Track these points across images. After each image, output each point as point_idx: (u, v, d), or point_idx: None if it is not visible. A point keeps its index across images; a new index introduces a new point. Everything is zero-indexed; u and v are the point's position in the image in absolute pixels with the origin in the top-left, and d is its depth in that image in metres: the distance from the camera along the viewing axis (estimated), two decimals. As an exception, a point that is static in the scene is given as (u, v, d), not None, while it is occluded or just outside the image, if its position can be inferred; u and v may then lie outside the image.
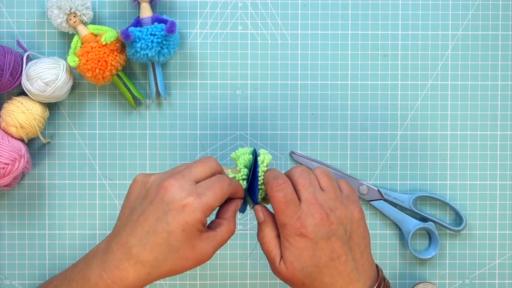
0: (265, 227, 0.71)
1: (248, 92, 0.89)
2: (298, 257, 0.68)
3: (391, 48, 0.89)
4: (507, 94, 0.89)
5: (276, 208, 0.69)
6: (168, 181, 0.66)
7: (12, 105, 0.84)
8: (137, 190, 0.69)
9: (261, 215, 0.71)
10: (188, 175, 0.67)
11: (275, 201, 0.69)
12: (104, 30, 0.84)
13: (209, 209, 0.66)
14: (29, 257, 0.89)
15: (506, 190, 0.90)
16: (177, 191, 0.65)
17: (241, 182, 0.72)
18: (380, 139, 0.89)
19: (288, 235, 0.68)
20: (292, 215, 0.68)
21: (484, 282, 0.90)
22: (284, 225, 0.68)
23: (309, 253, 0.68)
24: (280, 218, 0.69)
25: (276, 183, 0.69)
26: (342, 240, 0.69)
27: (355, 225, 0.70)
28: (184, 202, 0.65)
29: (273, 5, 0.88)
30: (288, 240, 0.68)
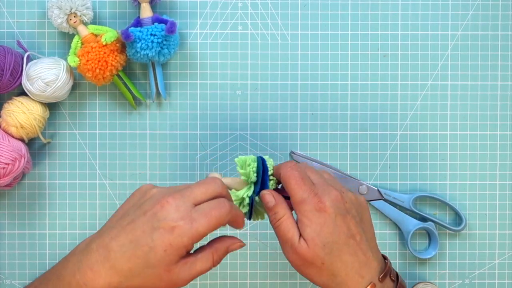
0: (279, 209, 0.70)
1: (248, 92, 0.89)
2: (319, 233, 0.67)
3: (391, 48, 0.89)
4: (507, 94, 0.90)
5: (293, 184, 0.69)
6: (166, 198, 0.65)
7: (13, 105, 0.84)
8: (137, 198, 0.69)
9: (271, 198, 0.70)
10: (188, 196, 0.66)
11: (292, 178, 0.69)
12: (104, 30, 0.84)
13: (199, 237, 0.65)
14: (29, 257, 0.89)
15: (505, 190, 0.90)
16: (171, 210, 0.65)
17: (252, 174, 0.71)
18: (380, 139, 0.89)
19: (307, 211, 0.68)
20: (310, 191, 0.68)
21: (484, 282, 0.90)
22: (303, 200, 0.68)
23: (329, 229, 0.67)
24: (298, 195, 0.68)
25: (290, 164, 0.70)
26: (355, 220, 0.69)
27: (363, 210, 0.72)
28: (174, 224, 0.64)
29: (273, 5, 0.88)
30: (307, 216, 0.68)
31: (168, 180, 0.88)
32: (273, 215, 0.70)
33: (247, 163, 0.72)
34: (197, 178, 0.89)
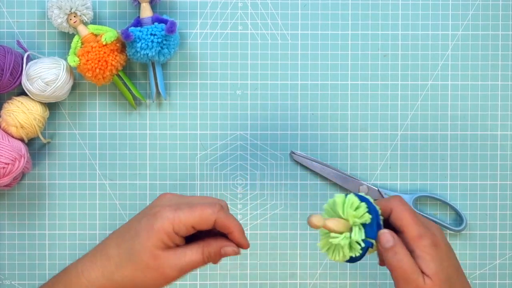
0: (399, 249, 0.66)
1: (248, 92, 0.89)
2: (442, 268, 0.66)
3: (391, 48, 0.89)
4: (507, 94, 0.89)
5: (410, 219, 0.66)
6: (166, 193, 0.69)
7: (12, 105, 0.84)
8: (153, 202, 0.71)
9: (390, 238, 0.66)
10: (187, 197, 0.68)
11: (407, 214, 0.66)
12: (104, 30, 0.84)
13: (179, 225, 0.65)
14: (29, 257, 0.89)
15: (506, 190, 0.90)
16: (164, 200, 0.67)
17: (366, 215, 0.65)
18: (380, 139, 0.89)
19: (426, 246, 0.66)
20: (424, 226, 0.67)
21: (485, 282, 0.90)
22: (421, 236, 0.66)
23: (447, 263, 0.66)
24: (415, 231, 0.66)
25: (399, 199, 0.68)
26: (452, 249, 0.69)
27: None
28: (158, 209, 0.66)
29: (273, 5, 0.88)
30: (428, 252, 0.66)
31: (168, 180, 0.88)
32: (394, 255, 0.66)
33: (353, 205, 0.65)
34: (197, 178, 0.89)
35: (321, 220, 0.63)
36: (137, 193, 0.89)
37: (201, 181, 0.89)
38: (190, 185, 0.89)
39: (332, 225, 0.65)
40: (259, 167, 0.89)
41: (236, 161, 0.89)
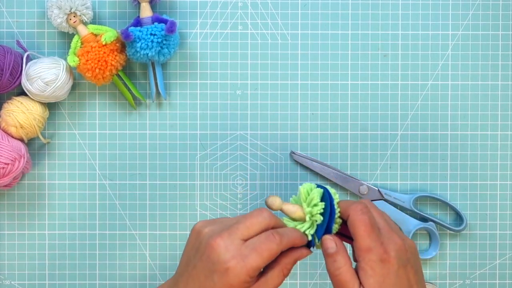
0: (340, 257, 0.67)
1: (248, 92, 0.89)
2: (381, 284, 0.66)
3: (391, 48, 0.89)
4: (508, 94, 0.89)
5: (362, 231, 0.66)
6: (215, 240, 0.66)
7: (12, 105, 0.84)
8: (193, 240, 0.69)
9: (333, 244, 0.68)
10: (235, 234, 0.66)
11: (361, 224, 0.67)
12: (104, 30, 0.84)
13: (254, 271, 0.65)
14: (29, 257, 0.89)
15: (506, 190, 0.90)
16: (222, 252, 0.65)
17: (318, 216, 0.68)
18: (380, 139, 0.89)
19: (371, 260, 0.66)
20: (377, 240, 0.66)
21: (485, 282, 0.90)
22: (369, 250, 0.66)
23: (391, 281, 0.66)
24: (364, 243, 0.66)
25: (360, 207, 0.68)
26: (414, 269, 0.68)
27: (418, 255, 0.70)
28: (227, 265, 0.65)
29: (273, 5, 0.88)
30: (371, 267, 0.66)
31: (168, 180, 0.88)
32: (332, 262, 0.68)
33: (313, 201, 0.68)
34: (197, 178, 0.89)
35: (275, 203, 0.68)
36: (137, 193, 0.89)
37: (201, 181, 0.89)
38: (190, 185, 0.89)
39: (287, 211, 0.69)
40: (259, 167, 0.89)
41: (236, 161, 0.89)
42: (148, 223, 0.89)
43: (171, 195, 0.89)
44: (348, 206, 0.69)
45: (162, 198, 0.89)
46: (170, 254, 0.89)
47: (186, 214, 0.89)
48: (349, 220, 0.68)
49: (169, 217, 0.89)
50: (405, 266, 0.67)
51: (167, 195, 0.89)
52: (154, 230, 0.89)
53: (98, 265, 0.89)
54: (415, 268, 0.68)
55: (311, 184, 0.70)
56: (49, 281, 0.89)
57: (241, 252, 0.65)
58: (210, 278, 0.65)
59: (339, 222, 0.70)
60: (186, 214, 0.89)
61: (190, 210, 0.89)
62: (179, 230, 0.89)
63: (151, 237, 0.89)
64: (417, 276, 0.68)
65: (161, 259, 0.89)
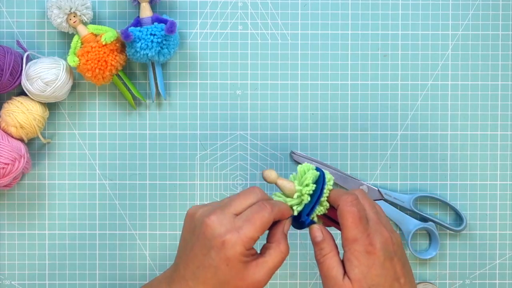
0: (326, 245, 0.70)
1: (248, 92, 0.89)
2: (366, 275, 0.67)
3: (391, 48, 0.89)
4: (508, 94, 0.89)
5: (350, 222, 0.68)
6: (209, 217, 0.67)
7: (12, 105, 0.84)
8: (188, 224, 0.70)
9: (319, 233, 0.70)
10: (228, 209, 0.68)
11: (349, 215, 0.68)
12: (104, 30, 0.84)
13: (249, 241, 0.67)
14: (29, 257, 0.89)
15: (506, 190, 0.90)
16: (216, 227, 0.67)
17: (306, 196, 0.71)
18: (380, 139, 0.89)
19: (357, 251, 0.67)
20: (363, 231, 0.68)
21: (485, 282, 0.90)
22: (355, 240, 0.68)
23: (376, 272, 0.67)
24: (351, 234, 0.68)
25: (351, 198, 0.69)
26: (401, 262, 0.69)
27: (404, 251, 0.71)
28: (223, 239, 0.66)
29: (273, 5, 0.88)
30: (357, 257, 0.67)
31: (168, 180, 0.88)
32: (319, 250, 0.70)
33: (305, 181, 0.71)
34: (197, 178, 0.89)
35: (271, 176, 0.71)
36: (137, 193, 0.89)
37: (201, 181, 0.89)
38: (190, 185, 0.89)
39: (281, 185, 0.72)
40: (259, 167, 0.89)
41: (236, 161, 0.89)
42: (148, 223, 0.89)
43: (171, 195, 0.89)
44: (339, 196, 0.70)
45: (162, 198, 0.89)
46: (170, 254, 0.89)
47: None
48: (338, 210, 0.70)
49: (169, 217, 0.89)
50: (391, 258, 0.68)
51: (167, 195, 0.89)
52: (154, 230, 0.89)
53: (98, 265, 0.89)
54: (402, 261, 0.70)
55: (310, 165, 0.72)
56: (49, 281, 0.89)
57: (234, 225, 0.67)
58: (208, 255, 0.67)
59: (326, 205, 0.72)
60: (186, 214, 0.89)
61: (190, 210, 0.89)
62: (179, 230, 0.89)
63: (151, 237, 0.89)
64: (405, 269, 0.69)
65: (161, 259, 0.89)
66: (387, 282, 0.68)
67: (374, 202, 0.72)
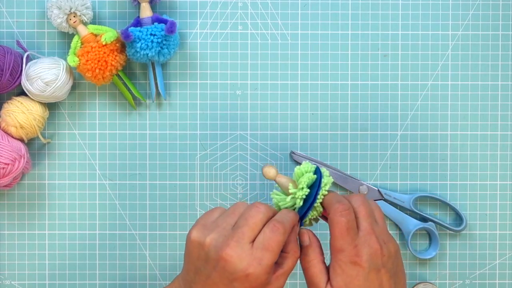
0: (311, 251, 0.70)
1: (248, 92, 0.89)
2: (348, 285, 0.67)
3: (391, 48, 0.89)
4: (508, 94, 0.89)
5: (337, 232, 0.68)
6: (226, 251, 0.66)
7: (12, 105, 0.84)
8: (196, 252, 0.69)
9: (306, 238, 0.71)
10: (243, 239, 0.67)
11: (337, 226, 0.68)
12: (104, 30, 0.84)
13: (270, 268, 0.67)
14: (29, 257, 0.89)
15: (506, 190, 0.90)
16: (236, 262, 0.66)
17: (298, 201, 0.71)
18: (380, 139, 0.89)
19: (342, 261, 0.68)
20: (350, 242, 0.68)
21: (485, 282, 0.90)
22: (341, 251, 0.68)
23: (359, 283, 0.67)
24: (337, 243, 0.68)
25: (341, 208, 0.69)
26: (390, 274, 0.69)
27: (399, 260, 0.71)
28: (246, 273, 0.66)
29: (273, 5, 0.88)
30: (341, 266, 0.68)
31: (168, 180, 0.88)
32: (304, 256, 0.71)
33: (300, 185, 0.71)
34: (197, 178, 0.89)
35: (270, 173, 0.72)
36: (137, 193, 0.89)
37: (201, 181, 0.89)
38: (190, 185, 0.89)
39: (279, 182, 0.72)
40: (259, 167, 0.89)
41: (236, 161, 0.89)
42: (148, 223, 0.89)
43: (171, 195, 0.89)
44: (331, 204, 0.70)
45: (162, 198, 0.89)
46: (170, 254, 0.89)
47: (186, 214, 0.89)
48: (328, 218, 0.70)
49: (169, 217, 0.89)
50: (378, 270, 0.68)
51: (167, 195, 0.89)
52: (154, 230, 0.89)
53: (98, 265, 0.89)
54: (392, 272, 0.69)
55: (309, 166, 0.72)
56: (49, 281, 0.89)
57: (254, 256, 0.67)
58: (231, 286, 0.67)
59: (320, 210, 0.72)
60: (186, 214, 0.89)
61: (190, 210, 0.89)
62: (179, 230, 0.89)
63: (151, 237, 0.89)
64: (392, 280, 0.69)
65: (161, 259, 0.89)
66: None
67: (373, 209, 0.72)
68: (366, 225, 0.69)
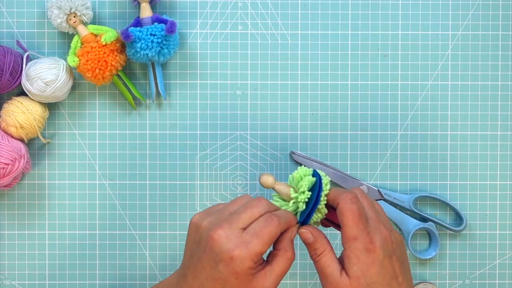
0: (318, 244, 0.70)
1: (248, 92, 0.89)
2: (365, 273, 0.67)
3: (391, 48, 0.89)
4: (507, 94, 0.89)
5: (350, 220, 0.68)
6: (216, 231, 0.67)
7: (12, 105, 0.84)
8: (193, 234, 0.70)
9: (309, 236, 0.70)
10: (236, 223, 0.67)
11: (349, 213, 0.68)
12: (104, 30, 0.84)
13: (258, 256, 0.67)
14: (29, 257, 0.89)
15: (506, 190, 0.90)
16: (224, 242, 0.66)
17: (301, 204, 0.70)
18: (380, 139, 0.89)
19: (357, 249, 0.67)
20: (364, 229, 0.68)
21: (485, 282, 0.90)
22: (355, 238, 0.67)
23: (376, 270, 0.67)
24: (351, 232, 0.68)
25: (350, 196, 0.69)
26: (400, 261, 0.69)
27: (405, 250, 0.71)
28: (231, 255, 0.66)
29: (273, 5, 0.88)
30: (356, 255, 0.67)
31: (168, 180, 0.88)
32: (313, 251, 0.70)
33: (301, 188, 0.71)
34: (197, 178, 0.89)
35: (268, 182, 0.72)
36: (137, 193, 0.89)
37: (201, 181, 0.89)
38: (190, 185, 0.89)
39: (278, 190, 0.72)
40: (259, 167, 0.89)
41: (236, 161, 0.89)
42: (148, 223, 0.89)
43: (171, 195, 0.89)
44: (339, 195, 0.70)
45: (162, 198, 0.89)
46: (170, 254, 0.89)
47: (186, 214, 0.89)
48: (338, 209, 0.69)
49: (169, 217, 0.89)
50: (390, 257, 0.68)
51: (167, 195, 0.89)
52: (154, 230, 0.89)
53: (98, 265, 0.89)
54: (401, 260, 0.70)
55: (307, 170, 0.72)
56: (49, 281, 0.89)
57: (243, 240, 0.67)
58: (216, 269, 0.67)
59: (324, 212, 0.72)
60: (186, 214, 0.89)
61: (190, 210, 0.89)
62: (179, 230, 0.89)
63: (151, 237, 0.89)
64: (403, 268, 0.69)
65: (161, 259, 0.89)
66: (385, 280, 0.68)
67: (373, 201, 0.72)
68: (372, 214, 0.70)
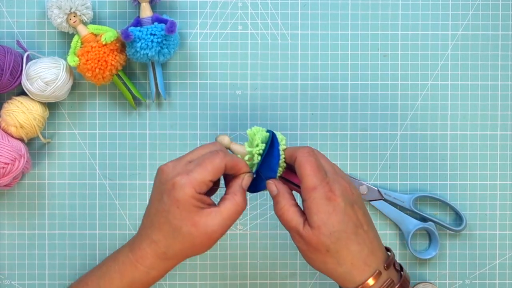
0: (281, 198, 0.71)
1: (248, 92, 0.89)
2: (326, 221, 0.68)
3: (391, 48, 0.89)
4: (507, 94, 0.89)
5: (308, 170, 0.69)
6: (166, 164, 0.70)
7: (12, 104, 0.84)
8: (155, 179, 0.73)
9: (274, 188, 0.72)
10: (185, 157, 0.71)
11: (308, 164, 0.69)
12: (104, 30, 0.84)
13: (199, 184, 0.68)
14: (29, 257, 0.89)
15: (506, 190, 0.90)
16: (169, 171, 0.69)
17: (256, 156, 0.73)
18: (380, 139, 0.89)
19: (317, 198, 0.68)
20: (323, 179, 0.69)
21: (484, 282, 0.90)
22: (314, 188, 0.69)
23: (338, 218, 0.68)
24: (310, 182, 0.69)
25: (307, 149, 0.71)
26: (362, 210, 0.71)
27: (363, 203, 0.73)
28: (173, 181, 0.68)
29: (273, 5, 0.88)
30: (316, 204, 0.68)
31: (168, 180, 0.88)
32: (276, 204, 0.72)
33: (254, 142, 0.73)
34: (197, 178, 0.89)
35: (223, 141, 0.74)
36: (137, 193, 0.89)
37: (201, 181, 0.89)
38: (190, 185, 0.89)
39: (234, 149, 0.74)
40: (259, 167, 0.89)
41: (236, 161, 0.89)
42: (148, 223, 0.89)
43: (171, 195, 0.89)
44: (296, 149, 0.72)
45: (162, 198, 0.89)
46: (170, 254, 0.89)
47: (186, 214, 0.89)
48: (296, 162, 0.71)
49: (169, 217, 0.89)
50: (352, 205, 0.70)
51: (167, 195, 0.89)
52: (154, 230, 0.89)
53: (98, 265, 0.89)
54: (363, 209, 0.71)
55: (259, 128, 0.74)
56: (49, 281, 0.89)
57: (186, 169, 0.69)
58: (161, 201, 0.69)
59: (284, 166, 0.73)
60: (186, 214, 0.89)
61: (190, 210, 0.89)
62: (179, 230, 0.89)
63: (151, 237, 0.89)
64: (366, 217, 0.71)
65: (161, 259, 0.89)
66: (350, 228, 0.69)
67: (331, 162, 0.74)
68: (330, 168, 0.72)
